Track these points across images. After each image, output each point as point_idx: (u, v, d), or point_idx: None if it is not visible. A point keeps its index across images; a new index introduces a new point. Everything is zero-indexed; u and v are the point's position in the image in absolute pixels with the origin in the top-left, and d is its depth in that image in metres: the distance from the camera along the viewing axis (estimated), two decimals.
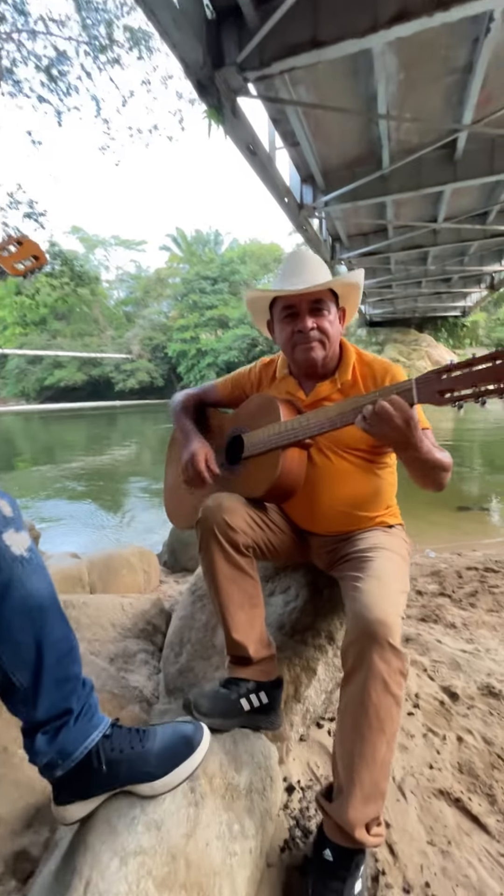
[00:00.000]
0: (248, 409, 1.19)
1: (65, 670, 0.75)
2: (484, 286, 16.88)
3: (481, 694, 1.16)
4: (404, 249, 11.33)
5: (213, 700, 0.93)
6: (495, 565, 2.79)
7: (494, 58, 4.99)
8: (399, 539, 1.05)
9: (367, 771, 0.74)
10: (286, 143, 6.84)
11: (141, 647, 1.37)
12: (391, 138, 6.58)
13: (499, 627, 1.77)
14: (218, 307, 37.40)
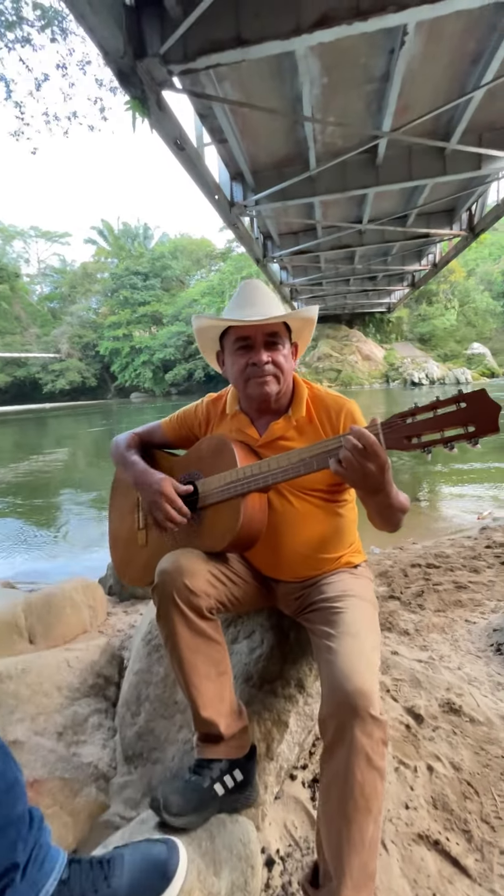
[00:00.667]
0: (200, 452, 1.10)
1: (5, 815, 0.61)
2: (406, 284, 17.92)
3: (443, 712, 1.19)
4: (333, 249, 11.68)
5: (185, 794, 0.85)
6: (435, 560, 2.95)
7: (409, 71, 5.23)
8: (366, 581, 1.03)
9: (357, 856, 0.71)
10: (214, 140, 6.73)
11: (93, 708, 1.25)
12: (317, 140, 6.71)
13: (447, 629, 1.85)
14: (151, 303, 36.33)
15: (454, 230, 10.39)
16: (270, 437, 1.05)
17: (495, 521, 4.50)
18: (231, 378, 1.08)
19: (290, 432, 1.05)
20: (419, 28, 4.53)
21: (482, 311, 28.37)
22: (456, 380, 21.91)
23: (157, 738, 1.10)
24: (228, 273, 32.11)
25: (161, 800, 0.82)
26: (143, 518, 1.17)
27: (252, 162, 7.41)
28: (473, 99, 5.63)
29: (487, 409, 0.72)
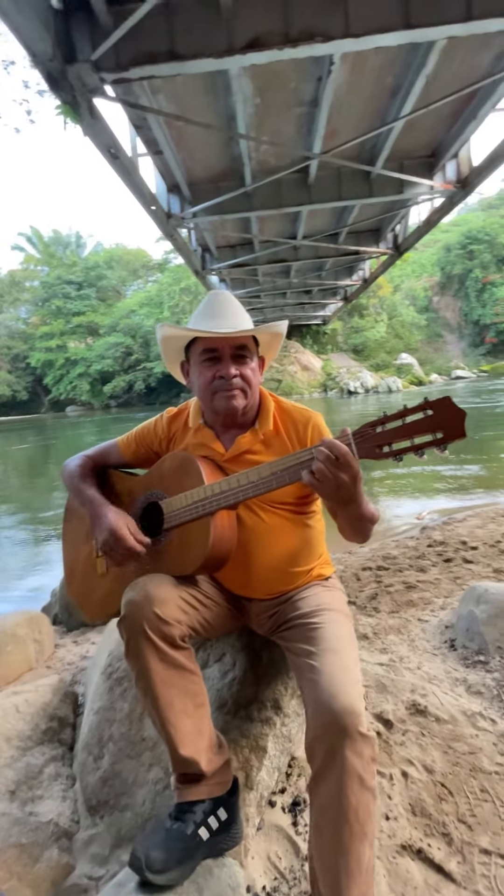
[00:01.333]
0: (162, 470, 1.04)
1: None
2: (339, 298, 18.81)
3: (410, 714, 1.22)
4: (270, 262, 12.00)
5: (167, 847, 0.77)
6: (384, 562, 3.06)
7: (336, 98, 5.54)
8: (338, 592, 1.03)
9: (356, 886, 0.68)
10: (150, 151, 6.68)
11: (47, 757, 1.13)
12: (252, 158, 6.88)
13: (402, 630, 1.91)
14: (86, 313, 35.05)
15: (381, 248, 11.08)
16: (237, 451, 1.02)
17: (433, 520, 4.77)
18: (196, 390, 1.04)
19: (256, 446, 1.03)
20: (344, 59, 4.82)
21: (408, 324, 30.52)
22: (388, 388, 23.26)
23: (125, 782, 1.01)
24: (167, 284, 31.87)
25: (142, 857, 0.75)
26: None
27: (188, 175, 7.44)
28: (394, 129, 6.07)
29: (453, 415, 0.75)
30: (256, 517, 0.99)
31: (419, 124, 6.22)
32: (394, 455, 0.79)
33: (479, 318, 31.74)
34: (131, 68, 4.20)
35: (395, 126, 5.97)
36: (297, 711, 1.06)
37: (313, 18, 4.13)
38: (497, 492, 5.96)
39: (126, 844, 0.94)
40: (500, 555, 3.01)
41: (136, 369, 32.01)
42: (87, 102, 4.65)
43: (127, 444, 1.16)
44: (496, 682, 1.40)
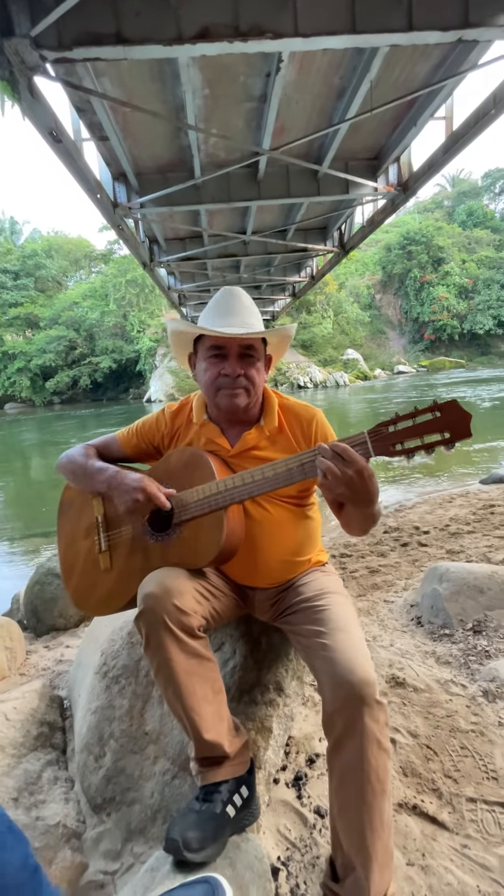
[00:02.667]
0: (170, 465, 1.04)
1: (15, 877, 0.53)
2: (288, 294, 19.08)
3: (391, 687, 1.31)
4: (220, 257, 11.93)
5: (201, 826, 0.80)
6: (346, 549, 3.20)
7: (285, 95, 5.60)
8: (336, 577, 1.08)
9: (379, 840, 0.74)
10: (94, 136, 6.41)
11: (43, 762, 1.10)
12: (201, 150, 6.80)
13: (371, 611, 2.02)
14: (24, 304, 33.00)
15: (328, 246, 11.38)
16: (243, 447, 1.05)
17: (385, 508, 5.03)
18: (201, 384, 1.05)
19: (262, 442, 1.06)
20: (293, 58, 4.88)
21: (353, 320, 31.60)
22: (336, 383, 24.02)
23: (130, 777, 1.01)
24: (112, 276, 30.73)
25: (179, 839, 0.77)
26: (105, 539, 1.07)
27: (135, 164, 7.24)
28: (340, 130, 6.25)
29: (460, 417, 0.82)
30: (264, 510, 1.02)
31: (363, 127, 6.46)
32: (406, 453, 0.85)
33: (418, 316, 33.51)
34: (74, 48, 4.02)
35: (341, 127, 6.15)
36: (297, 692, 1.11)
37: (262, 15, 4.14)
38: (440, 479, 6.38)
39: (137, 837, 0.95)
40: (450, 537, 3.25)
41: (81, 364, 30.65)
42: (26, 80, 4.38)
43: (127, 438, 1.14)
44: (462, 651, 1.54)
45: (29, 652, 1.82)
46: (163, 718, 1.08)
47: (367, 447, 0.84)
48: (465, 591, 1.81)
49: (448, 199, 44.63)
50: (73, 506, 1.13)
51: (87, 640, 1.42)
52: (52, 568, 2.10)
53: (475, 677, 1.36)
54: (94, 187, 6.65)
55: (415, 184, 7.39)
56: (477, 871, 0.89)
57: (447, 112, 5.96)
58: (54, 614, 2.00)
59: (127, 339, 29.86)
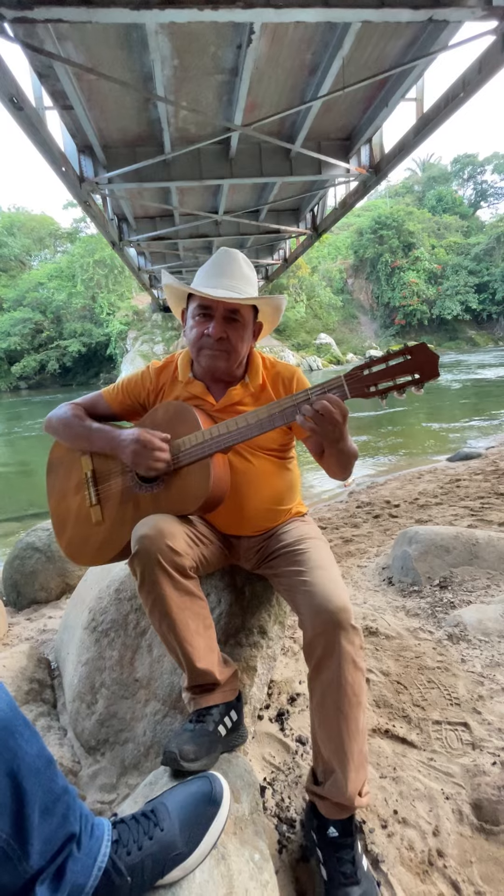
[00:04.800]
0: (156, 419, 1.07)
1: (51, 791, 0.58)
2: (261, 277, 18.92)
3: (365, 636, 1.41)
4: (191, 237, 11.70)
5: (196, 741, 0.87)
6: (321, 522, 3.31)
7: (256, 69, 5.50)
8: (315, 526, 1.15)
9: (355, 743, 0.83)
10: (57, 105, 6.11)
11: (37, 713, 1.14)
12: (170, 123, 6.60)
13: (346, 575, 2.13)
14: None
15: (300, 228, 11.32)
16: (228, 401, 1.09)
17: (358, 486, 5.18)
18: (188, 340, 1.08)
19: (247, 398, 1.10)
20: (265, 29, 4.79)
21: (326, 304, 31.64)
22: (309, 367, 24.12)
23: (122, 720, 1.07)
24: (79, 255, 29.54)
25: (177, 751, 0.84)
26: (95, 493, 1.10)
27: (102, 136, 6.96)
28: (312, 108, 6.20)
29: (429, 358, 0.87)
30: (247, 462, 1.08)
31: (336, 107, 6.41)
32: (380, 394, 0.90)
33: (389, 301, 33.85)
34: (36, 7, 3.82)
35: (313, 105, 6.09)
36: (279, 635, 1.18)
37: None
38: (410, 457, 6.59)
39: (132, 771, 1.01)
40: (419, 509, 3.41)
41: (49, 348, 29.58)
42: None
43: (113, 395, 1.17)
44: (429, 604, 1.65)
45: (11, 624, 1.83)
46: (152, 665, 1.13)
47: (344, 389, 0.90)
48: (432, 551, 1.93)
49: (418, 184, 45.00)
50: (63, 464, 1.16)
51: (73, 602, 1.45)
52: (32, 542, 2.10)
53: (441, 624, 1.48)
54: (58, 159, 6.36)
55: (386, 166, 7.42)
56: (442, 778, 0.99)
57: (418, 94, 5.98)
58: (35, 587, 2.00)
59: (96, 322, 29.00)
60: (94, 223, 9.65)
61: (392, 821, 0.93)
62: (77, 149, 7.10)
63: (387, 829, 0.92)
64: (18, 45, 4.61)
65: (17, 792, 0.56)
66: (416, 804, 0.95)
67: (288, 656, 1.34)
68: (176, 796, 0.75)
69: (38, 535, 2.11)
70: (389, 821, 0.93)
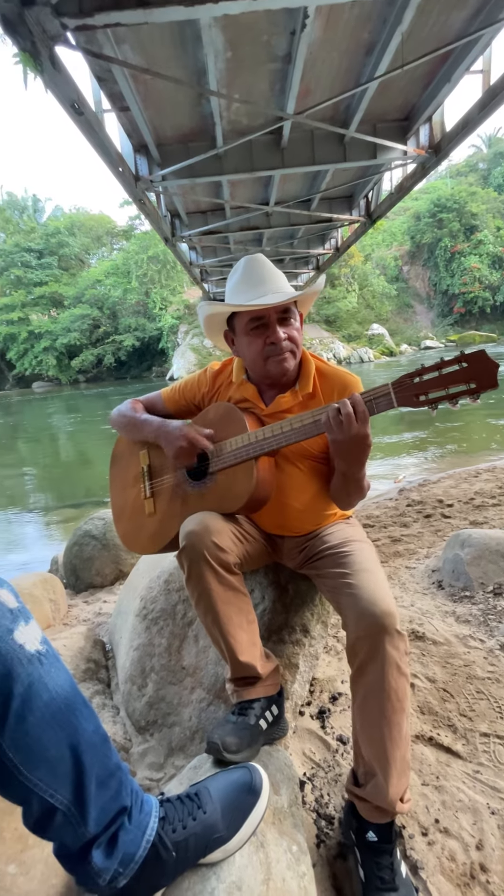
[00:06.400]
0: (207, 419, 1.13)
1: (106, 765, 0.65)
2: (311, 267, 18.58)
3: (410, 640, 1.38)
4: (242, 230, 11.71)
5: (238, 734, 0.91)
6: (368, 520, 3.24)
7: (310, 55, 5.37)
8: (360, 528, 1.15)
9: (397, 749, 0.83)
10: (115, 107, 6.33)
11: (93, 691, 1.24)
12: (223, 117, 6.62)
13: (393, 576, 2.08)
14: (49, 283, 33.29)
15: (353, 216, 11.00)
16: (276, 408, 1.12)
17: (409, 483, 5.02)
18: (247, 358, 1.11)
19: (295, 407, 1.12)
20: (319, 12, 4.66)
21: (379, 294, 30.58)
22: (360, 359, 23.53)
23: (170, 704, 1.14)
24: (133, 252, 30.52)
25: (219, 742, 0.89)
26: (149, 487, 1.18)
27: (156, 134, 7.12)
28: (368, 90, 5.96)
29: (487, 367, 0.83)
30: (293, 466, 1.10)
31: (393, 85, 6.14)
32: (430, 403, 0.88)
33: (447, 288, 32.11)
34: (95, 14, 3.96)
35: (369, 87, 5.87)
36: (321, 634, 1.20)
37: None
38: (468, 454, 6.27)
39: (178, 753, 1.08)
40: (474, 510, 3.25)
41: (105, 342, 30.92)
42: (47, 51, 4.35)
43: (171, 395, 1.23)
44: (481, 611, 1.58)
45: (70, 606, 1.97)
46: (198, 655, 1.19)
47: (391, 398, 0.88)
48: (486, 556, 1.84)
49: (483, 162, 41.99)
50: (123, 457, 1.26)
51: (126, 590, 1.55)
52: (89, 530, 2.24)
53: (494, 633, 1.42)
54: (115, 160, 6.60)
55: (447, 145, 7.01)
56: (488, 792, 0.97)
57: (484, 65, 5.59)
58: (92, 573, 2.15)
59: (149, 317, 29.90)
60: (148, 220, 9.92)
61: (433, 829, 0.92)
62: (133, 148, 7.32)
63: (427, 837, 0.91)
64: (80, 53, 4.82)
65: (77, 764, 0.61)
66: (460, 816, 0.93)
67: (331, 655, 1.34)
68: (218, 783, 0.79)
69: (94, 524, 2.25)
70: (430, 829, 0.92)
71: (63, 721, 0.61)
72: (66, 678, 0.64)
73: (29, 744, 0.58)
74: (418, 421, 8.75)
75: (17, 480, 7.94)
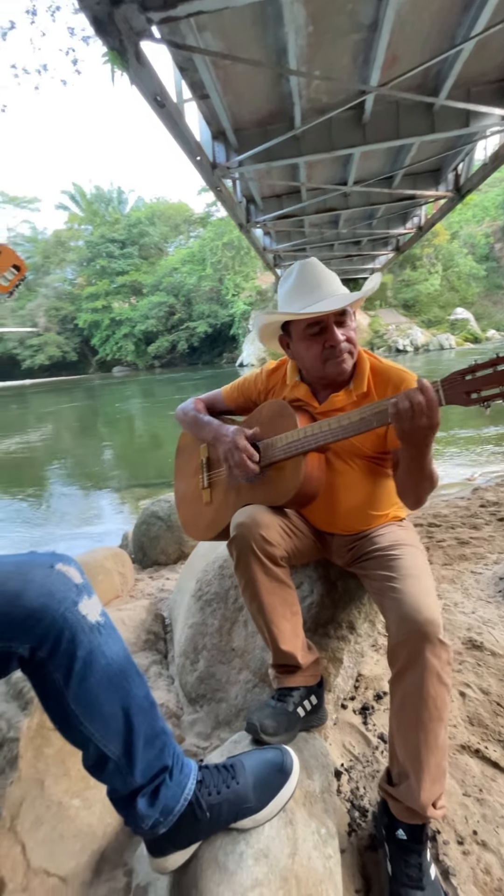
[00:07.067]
0: (261, 416, 1.17)
1: (152, 727, 0.74)
2: (390, 248, 17.62)
3: (466, 648, 1.33)
4: (318, 212, 11.40)
5: (276, 718, 0.97)
6: (435, 520, 3.10)
7: (398, 19, 5.02)
8: (413, 532, 1.13)
9: (433, 756, 0.83)
10: (195, 95, 6.42)
11: (150, 660, 1.36)
12: (302, 96, 6.45)
13: (456, 580, 1.99)
14: (129, 272, 35.04)
15: (440, 191, 10.23)
16: (329, 407, 1.13)
17: (486, 482, 4.69)
18: (305, 361, 1.13)
19: (348, 406, 1.12)
20: None
21: (465, 275, 28.27)
22: (440, 345, 22.07)
23: (219, 681, 1.22)
24: (209, 239, 31.03)
25: (258, 724, 0.95)
26: (207, 478, 1.26)
27: (235, 119, 7.13)
28: (463, 51, 5.46)
29: None
30: (345, 464, 1.11)
31: (492, 43, 5.57)
32: (482, 402, 0.84)
33: None
34: (178, 5, 4.03)
35: (464, 47, 5.38)
36: (368, 633, 1.20)
37: None
38: None
39: (223, 726, 1.16)
40: None
41: (179, 329, 32.00)
42: (133, 47, 4.53)
43: (230, 393, 1.30)
44: None
45: (136, 580, 2.15)
46: (247, 639, 1.25)
47: (439, 395, 0.85)
48: None
49: None
50: (187, 449, 1.36)
51: (186, 570, 1.65)
52: (156, 511, 2.40)
53: None
54: (194, 149, 6.73)
55: None
56: None
57: None
58: (157, 551, 2.31)
59: (222, 304, 30.41)
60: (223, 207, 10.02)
61: (470, 840, 0.90)
62: (211, 136, 7.40)
63: (463, 847, 0.89)
64: (164, 45, 4.94)
65: (127, 723, 0.71)
66: (500, 832, 0.91)
67: (380, 653, 1.33)
68: (252, 759, 0.85)
69: (160, 506, 2.41)
70: (467, 839, 0.90)
71: (117, 685, 0.70)
72: (121, 648, 0.73)
73: (88, 700, 0.68)
74: (496, 415, 8.07)
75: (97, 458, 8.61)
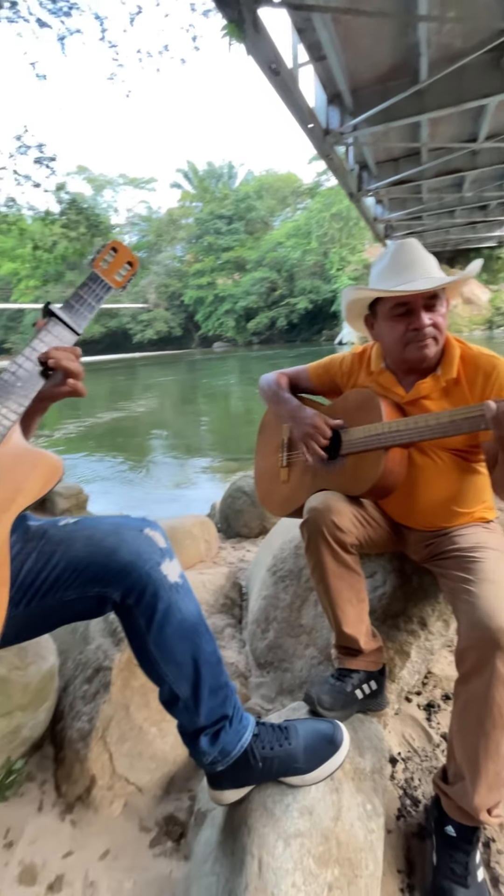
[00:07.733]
0: (346, 404, 1.17)
1: (217, 679, 0.83)
2: None
3: None
4: (438, 175, 10.37)
5: (333, 695, 1.01)
6: None
7: None
8: (499, 535, 1.05)
9: (492, 763, 0.81)
10: (311, 58, 6.16)
11: (226, 623, 1.47)
12: (430, 44, 5.81)
13: None
14: (234, 248, 35.44)
15: None
16: (416, 395, 1.08)
17: None
18: (387, 343, 1.10)
19: (435, 393, 1.06)
20: None
21: None
22: None
23: (286, 652, 1.29)
24: (316, 211, 29.97)
25: (315, 697, 1.01)
26: (286, 457, 1.30)
27: (352, 79, 6.70)
28: None
29: None
30: (428, 458, 1.06)
31: None
32: None
33: None
34: None
35: None
36: (441, 632, 1.16)
37: None
38: None
39: (286, 694, 1.23)
40: None
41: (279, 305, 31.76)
42: (251, 15, 4.48)
43: (315, 371, 1.30)
44: None
45: (220, 548, 2.29)
46: (315, 618, 1.29)
47: None
48: None
49: None
50: (270, 427, 1.40)
51: (264, 545, 1.73)
52: (241, 486, 2.52)
53: None
54: (306, 116, 6.50)
55: None
56: None
57: None
58: (240, 523, 2.43)
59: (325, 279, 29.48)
60: (334, 175, 9.59)
61: None
62: (326, 100, 7.07)
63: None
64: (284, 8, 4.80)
65: (196, 671, 0.81)
66: None
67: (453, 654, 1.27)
68: (306, 726, 0.91)
69: (246, 482, 2.51)
70: None
71: (189, 638, 0.79)
72: (196, 607, 0.82)
73: (164, 646, 0.79)
74: None
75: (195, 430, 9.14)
